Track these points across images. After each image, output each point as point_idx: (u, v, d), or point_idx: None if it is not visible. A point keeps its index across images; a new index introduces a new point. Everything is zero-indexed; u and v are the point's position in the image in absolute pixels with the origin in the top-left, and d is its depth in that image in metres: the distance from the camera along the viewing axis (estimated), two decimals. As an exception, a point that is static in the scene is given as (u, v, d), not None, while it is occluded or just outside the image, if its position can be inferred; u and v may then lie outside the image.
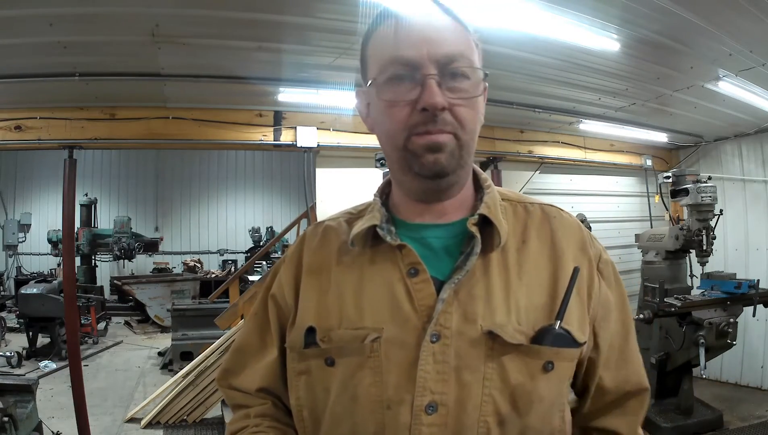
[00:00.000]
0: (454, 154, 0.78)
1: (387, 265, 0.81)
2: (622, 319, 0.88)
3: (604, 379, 0.86)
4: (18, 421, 2.80)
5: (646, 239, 4.84)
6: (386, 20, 0.80)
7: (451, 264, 0.80)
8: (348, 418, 0.78)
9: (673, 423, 4.22)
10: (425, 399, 0.74)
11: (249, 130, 3.94)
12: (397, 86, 0.77)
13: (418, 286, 0.78)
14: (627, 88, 3.86)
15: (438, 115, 0.75)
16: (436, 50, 0.76)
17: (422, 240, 0.83)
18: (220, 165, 13.11)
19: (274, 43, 2.89)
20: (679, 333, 4.13)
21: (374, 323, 0.78)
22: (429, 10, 0.79)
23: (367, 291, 0.80)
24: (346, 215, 0.93)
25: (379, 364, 0.76)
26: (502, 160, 4.84)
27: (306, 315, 0.83)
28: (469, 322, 0.76)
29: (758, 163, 5.37)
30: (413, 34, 0.77)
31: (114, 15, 2.45)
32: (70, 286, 3.94)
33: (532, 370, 0.76)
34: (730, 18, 2.74)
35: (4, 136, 3.45)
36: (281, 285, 0.90)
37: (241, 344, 0.95)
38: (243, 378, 0.93)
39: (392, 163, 0.83)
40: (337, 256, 0.86)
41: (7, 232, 11.15)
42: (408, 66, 0.76)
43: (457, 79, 0.77)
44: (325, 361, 0.80)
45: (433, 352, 0.74)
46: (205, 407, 4.59)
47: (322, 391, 0.81)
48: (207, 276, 10.20)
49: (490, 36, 2.83)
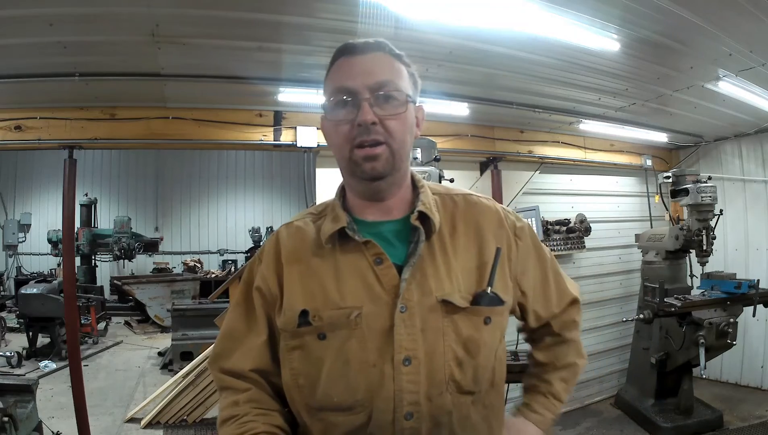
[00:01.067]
0: (388, 160, 1.01)
1: (356, 255, 1.03)
2: (539, 266, 1.20)
3: (538, 311, 1.20)
4: (18, 421, 2.80)
5: (646, 239, 4.84)
6: (337, 59, 1.05)
7: (404, 250, 1.05)
8: (342, 378, 0.99)
9: (673, 423, 4.23)
10: (402, 355, 0.98)
11: (249, 130, 3.94)
12: (341, 109, 1.02)
13: (383, 272, 1.02)
14: (627, 88, 3.86)
15: (370, 128, 0.99)
16: (369, 80, 1.00)
17: (379, 234, 1.06)
18: (220, 165, 13.10)
19: (274, 43, 2.89)
20: (679, 333, 4.13)
21: (354, 302, 1.00)
22: (370, 48, 1.04)
23: (344, 278, 1.02)
24: (310, 215, 1.14)
25: (363, 333, 0.99)
26: (502, 160, 4.83)
27: (294, 299, 1.03)
28: (426, 294, 1.01)
29: (758, 163, 5.37)
30: (354, 68, 1.02)
31: (114, 15, 2.45)
32: (70, 286, 3.94)
33: (476, 324, 1.03)
34: (730, 18, 2.74)
35: (4, 136, 3.44)
36: (264, 278, 1.09)
37: (229, 331, 1.13)
38: (234, 361, 1.09)
39: (342, 170, 1.08)
40: (312, 250, 1.07)
41: (7, 232, 11.15)
42: (348, 93, 1.01)
43: (386, 101, 1.01)
44: (318, 336, 1.01)
45: (403, 319, 0.99)
46: (205, 407, 4.59)
47: (316, 360, 1.01)
48: (207, 276, 10.20)
49: (490, 36, 2.83)
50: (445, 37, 2.77)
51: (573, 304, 1.27)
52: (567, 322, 1.25)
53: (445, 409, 0.99)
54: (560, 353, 1.25)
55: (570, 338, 1.25)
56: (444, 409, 0.99)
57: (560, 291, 1.24)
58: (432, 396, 0.98)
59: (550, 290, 1.22)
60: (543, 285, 1.20)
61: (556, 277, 1.23)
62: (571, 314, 1.26)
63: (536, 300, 1.19)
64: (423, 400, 0.98)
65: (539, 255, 1.20)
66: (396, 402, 0.97)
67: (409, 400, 0.97)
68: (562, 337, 1.25)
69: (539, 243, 1.22)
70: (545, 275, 1.21)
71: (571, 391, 1.26)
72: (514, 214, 1.19)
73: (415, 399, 0.97)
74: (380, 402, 0.97)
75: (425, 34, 2.68)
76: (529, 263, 1.17)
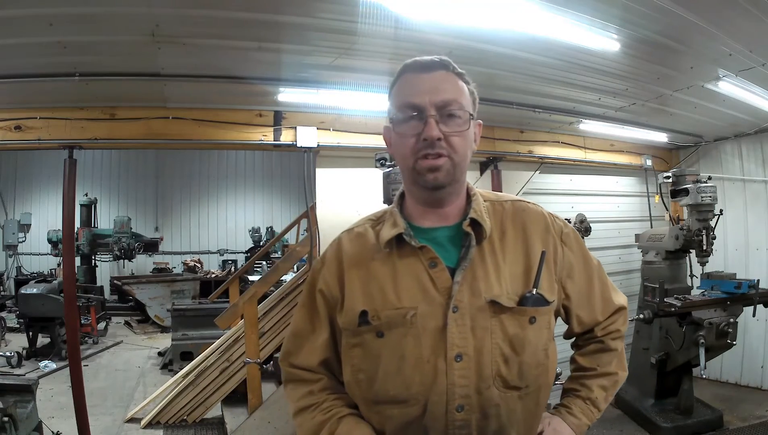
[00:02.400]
0: (449, 172, 1.09)
1: (412, 260, 1.11)
2: (585, 272, 1.24)
3: (581, 316, 1.25)
4: (18, 421, 2.80)
5: (646, 239, 4.83)
6: (404, 74, 1.14)
7: (456, 254, 1.12)
8: (398, 373, 1.07)
9: (673, 423, 4.22)
10: (454, 351, 1.05)
11: (249, 130, 3.94)
12: (408, 123, 1.10)
13: (437, 275, 1.09)
14: (627, 88, 3.86)
15: (435, 144, 1.07)
16: (435, 97, 1.08)
17: (434, 239, 1.14)
18: (220, 165, 13.11)
19: (274, 43, 2.89)
20: (679, 333, 4.12)
21: (410, 303, 1.08)
22: (435, 66, 1.12)
23: (400, 280, 1.10)
24: (369, 222, 1.23)
25: (418, 332, 1.07)
26: (502, 160, 4.83)
27: (355, 301, 1.12)
28: (475, 295, 1.08)
29: (758, 163, 5.36)
30: (421, 85, 1.10)
31: (114, 15, 2.44)
32: (70, 286, 3.94)
33: (522, 324, 1.09)
34: (730, 18, 2.74)
35: (4, 136, 3.44)
36: (326, 282, 1.18)
37: (296, 330, 1.24)
38: (303, 356, 1.21)
39: (405, 178, 1.17)
40: (371, 254, 1.15)
41: (7, 232, 11.15)
42: (415, 109, 1.09)
43: (450, 118, 1.09)
44: (376, 334, 1.09)
45: (455, 319, 1.06)
46: (205, 407, 4.60)
47: (374, 357, 1.09)
48: (207, 276, 10.20)
49: (490, 36, 2.83)
50: (445, 37, 2.77)
51: (618, 312, 1.29)
52: (611, 330, 1.28)
53: (493, 402, 1.06)
54: (603, 361, 1.27)
55: (614, 347, 1.28)
56: (492, 402, 1.06)
57: (605, 299, 1.27)
58: (481, 390, 1.06)
59: (594, 297, 1.25)
60: (588, 291, 1.25)
61: (601, 285, 1.27)
62: (616, 324, 1.29)
63: (580, 305, 1.24)
64: (473, 394, 1.05)
65: (585, 261, 1.25)
66: (449, 395, 1.05)
67: (460, 393, 1.05)
68: (606, 345, 1.27)
69: (586, 250, 1.27)
70: (590, 282, 1.25)
71: (609, 401, 1.28)
72: (561, 220, 1.25)
73: (466, 392, 1.05)
74: (434, 395, 1.05)
75: (425, 34, 2.68)
76: (575, 268, 1.22)
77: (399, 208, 1.19)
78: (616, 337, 1.29)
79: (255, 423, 3.99)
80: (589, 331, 1.27)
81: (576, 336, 1.31)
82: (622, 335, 1.30)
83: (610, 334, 1.28)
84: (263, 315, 4.54)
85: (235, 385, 4.55)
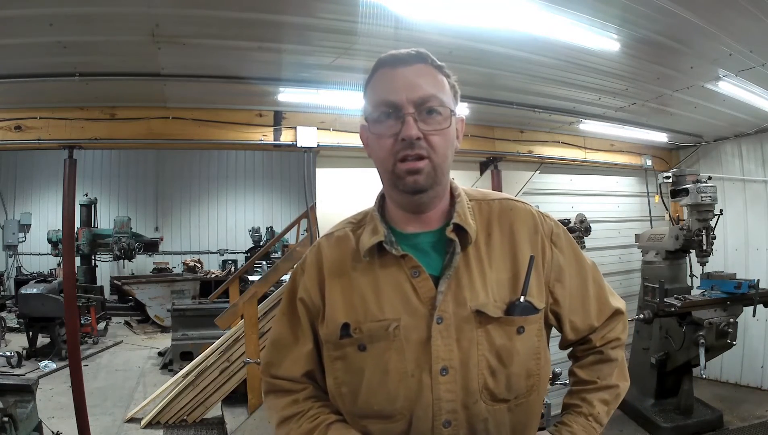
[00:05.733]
0: (429, 174, 1.01)
1: (394, 269, 1.05)
2: (578, 273, 1.16)
3: (575, 321, 1.16)
4: (18, 421, 2.81)
5: (646, 239, 4.84)
6: (379, 69, 1.05)
7: (440, 262, 1.05)
8: (382, 387, 1.01)
9: (673, 423, 4.23)
10: (439, 365, 0.99)
11: (249, 130, 3.94)
12: (384, 123, 1.02)
13: (420, 284, 1.03)
14: (627, 88, 3.86)
15: (415, 144, 0.99)
16: (413, 94, 1.00)
17: (417, 245, 1.07)
18: (220, 165, 13.11)
19: (274, 43, 2.89)
20: (679, 333, 4.13)
21: (393, 314, 1.02)
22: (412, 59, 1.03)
23: (383, 291, 1.04)
24: (350, 225, 1.15)
25: (401, 345, 1.01)
26: (502, 160, 4.83)
27: (336, 312, 1.06)
28: (460, 305, 1.02)
29: (758, 163, 5.37)
30: (397, 81, 1.01)
31: (114, 15, 2.44)
32: (70, 286, 3.94)
33: (509, 334, 1.03)
34: (730, 18, 2.74)
35: (4, 136, 3.44)
36: (307, 289, 1.11)
37: (277, 340, 1.17)
38: (286, 367, 1.14)
39: (384, 182, 1.09)
40: (352, 263, 1.08)
41: (7, 232, 11.15)
42: (392, 106, 1.01)
43: (430, 115, 1.01)
44: (358, 347, 1.03)
45: (439, 330, 1.00)
46: (205, 407, 4.60)
47: (357, 371, 1.03)
48: (207, 276, 10.20)
49: (490, 36, 2.83)
50: (445, 37, 2.77)
51: (615, 317, 1.21)
52: (609, 338, 1.19)
53: (481, 416, 1.01)
54: (603, 373, 1.18)
55: (614, 357, 1.19)
56: (480, 416, 1.01)
57: (600, 301, 1.19)
58: (468, 404, 1.01)
59: (589, 300, 1.17)
60: (581, 294, 1.16)
61: (596, 287, 1.19)
62: (615, 330, 1.20)
63: (573, 310, 1.15)
64: (460, 409, 1.00)
65: (578, 262, 1.16)
66: (435, 410, 1.00)
67: (447, 408, 1.00)
68: (606, 356, 1.19)
69: (578, 250, 1.18)
70: (584, 284, 1.16)
71: (611, 414, 1.19)
72: (552, 219, 1.16)
73: (453, 407, 1.00)
74: (419, 410, 1.00)
75: (425, 34, 2.68)
76: (565, 271, 1.13)
77: (380, 212, 1.11)
78: (615, 346, 1.20)
79: (255, 423, 3.99)
80: (587, 340, 1.19)
81: (572, 345, 1.22)
82: (622, 344, 1.22)
83: (609, 343, 1.19)
84: (263, 315, 4.54)
85: (235, 385, 4.55)
